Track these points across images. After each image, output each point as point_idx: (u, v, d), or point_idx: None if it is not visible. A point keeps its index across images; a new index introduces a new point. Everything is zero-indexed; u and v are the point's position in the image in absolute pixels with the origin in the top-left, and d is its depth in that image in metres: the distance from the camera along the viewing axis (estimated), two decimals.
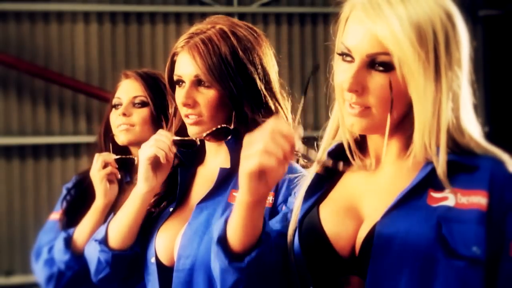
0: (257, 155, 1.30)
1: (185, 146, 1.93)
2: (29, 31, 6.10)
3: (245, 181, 1.34)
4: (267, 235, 1.44)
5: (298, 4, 6.63)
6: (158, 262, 1.88)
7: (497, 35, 6.74)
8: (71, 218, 2.38)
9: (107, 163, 2.30)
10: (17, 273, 6.03)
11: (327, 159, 1.50)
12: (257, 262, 1.41)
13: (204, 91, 1.86)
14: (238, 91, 1.85)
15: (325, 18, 6.52)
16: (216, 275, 1.45)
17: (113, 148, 2.40)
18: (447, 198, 1.38)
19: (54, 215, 2.47)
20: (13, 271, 5.99)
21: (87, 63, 6.17)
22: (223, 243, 1.42)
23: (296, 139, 1.33)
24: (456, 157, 1.39)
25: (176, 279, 1.83)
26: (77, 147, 6.10)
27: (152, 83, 2.40)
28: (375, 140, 1.48)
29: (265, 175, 1.33)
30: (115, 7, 6.25)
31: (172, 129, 1.95)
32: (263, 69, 1.89)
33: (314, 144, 1.60)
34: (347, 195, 1.49)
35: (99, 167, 2.29)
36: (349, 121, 1.43)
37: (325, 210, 1.47)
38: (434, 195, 1.39)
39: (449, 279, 1.34)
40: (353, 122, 1.42)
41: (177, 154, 1.93)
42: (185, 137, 1.92)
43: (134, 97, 2.39)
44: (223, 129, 1.87)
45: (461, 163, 1.39)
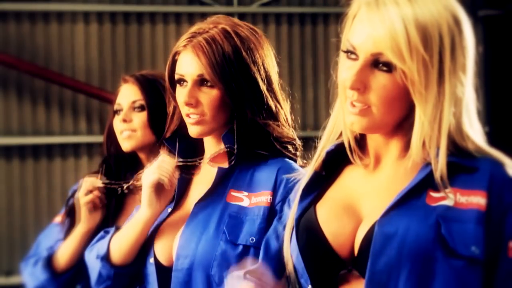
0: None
1: (187, 168, 1.93)
2: (29, 31, 6.09)
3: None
4: None
5: (298, 4, 6.61)
6: (156, 262, 1.88)
7: (497, 35, 6.73)
8: (73, 221, 2.39)
9: (93, 189, 2.31)
10: (17, 273, 6.02)
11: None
12: None
13: (207, 90, 1.85)
14: (240, 92, 1.84)
15: (325, 18, 6.50)
16: None
17: (118, 153, 2.43)
18: (446, 197, 1.38)
19: (57, 218, 2.49)
20: (13, 271, 5.98)
21: (87, 63, 6.15)
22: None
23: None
24: (456, 159, 1.39)
25: (174, 279, 1.82)
26: (77, 147, 6.08)
27: (149, 85, 2.40)
28: (375, 139, 1.48)
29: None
30: (115, 7, 6.24)
31: (170, 129, 1.95)
32: (265, 70, 1.89)
33: (313, 144, 1.60)
34: (345, 194, 1.49)
35: (84, 193, 2.31)
36: (350, 120, 1.43)
37: (322, 209, 1.47)
38: (433, 194, 1.39)
39: (448, 278, 1.34)
40: (354, 120, 1.42)
41: (173, 150, 1.93)
42: (183, 140, 1.92)
43: (133, 102, 2.40)
44: (227, 152, 1.87)
45: (461, 164, 1.39)
